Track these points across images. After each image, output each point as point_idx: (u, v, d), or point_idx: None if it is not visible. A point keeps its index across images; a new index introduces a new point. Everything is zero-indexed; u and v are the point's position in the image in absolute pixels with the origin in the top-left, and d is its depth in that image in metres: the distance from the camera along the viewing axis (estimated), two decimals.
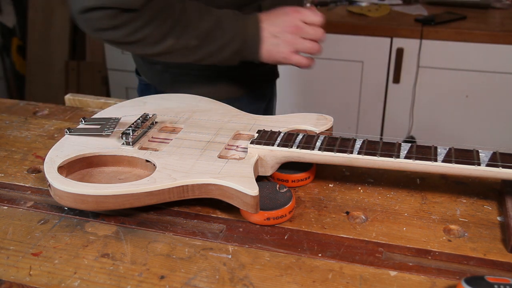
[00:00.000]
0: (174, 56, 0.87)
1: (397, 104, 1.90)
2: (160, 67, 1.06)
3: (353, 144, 0.64)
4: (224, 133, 0.71)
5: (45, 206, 0.66)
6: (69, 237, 0.60)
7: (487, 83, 1.78)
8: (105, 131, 0.71)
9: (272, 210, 0.60)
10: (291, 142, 0.65)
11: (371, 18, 1.86)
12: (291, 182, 0.68)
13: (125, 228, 0.62)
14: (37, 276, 0.54)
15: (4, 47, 2.67)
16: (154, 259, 0.56)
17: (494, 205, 0.64)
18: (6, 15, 2.63)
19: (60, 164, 0.64)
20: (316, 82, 1.96)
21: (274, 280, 0.53)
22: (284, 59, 0.90)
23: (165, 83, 1.07)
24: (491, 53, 1.73)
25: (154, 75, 1.09)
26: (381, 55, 1.83)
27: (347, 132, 1.98)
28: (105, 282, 0.53)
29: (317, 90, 1.98)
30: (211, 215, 0.64)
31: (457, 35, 1.73)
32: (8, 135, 0.85)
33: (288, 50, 0.89)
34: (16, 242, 0.60)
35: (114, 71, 2.20)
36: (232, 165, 0.63)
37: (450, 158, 0.60)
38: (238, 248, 0.58)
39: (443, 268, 0.54)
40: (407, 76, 1.84)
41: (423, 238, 0.59)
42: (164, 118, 0.76)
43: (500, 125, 1.83)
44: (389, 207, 0.64)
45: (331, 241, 0.59)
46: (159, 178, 0.60)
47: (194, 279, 0.53)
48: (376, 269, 0.54)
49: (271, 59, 0.90)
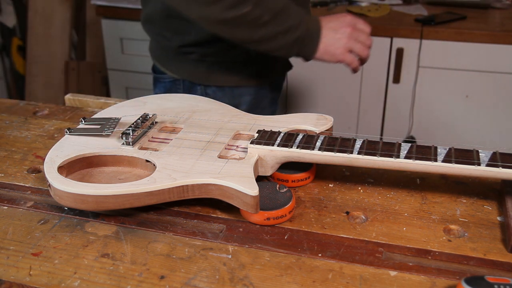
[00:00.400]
0: (242, 27, 0.89)
1: (397, 104, 1.90)
2: (195, 57, 1.08)
3: (353, 144, 0.64)
4: (224, 133, 0.71)
5: (45, 206, 0.66)
6: (69, 237, 0.60)
7: (487, 83, 1.78)
8: (105, 131, 0.71)
9: (272, 210, 0.60)
10: (291, 142, 0.65)
11: (371, 18, 1.85)
12: (291, 182, 0.68)
13: (125, 228, 0.62)
14: (37, 276, 0.54)
15: (4, 47, 2.67)
16: (154, 259, 0.56)
17: (494, 205, 0.64)
18: (6, 15, 2.63)
19: (60, 164, 0.64)
20: (316, 82, 1.96)
21: (274, 280, 0.53)
22: (340, 55, 0.98)
23: (199, 74, 1.10)
24: (491, 53, 1.73)
25: (187, 67, 1.11)
26: (381, 55, 1.83)
27: (347, 132, 1.98)
28: (105, 282, 0.53)
29: (317, 90, 1.98)
30: (211, 215, 0.64)
31: (457, 35, 1.73)
32: (8, 135, 0.85)
33: (344, 46, 0.97)
34: (16, 242, 0.60)
35: (114, 71, 2.20)
36: (232, 165, 0.63)
37: (450, 158, 0.60)
38: (238, 248, 0.58)
39: (443, 268, 0.54)
40: (407, 76, 1.84)
41: (423, 238, 0.59)
42: (164, 118, 0.76)
43: (500, 125, 1.83)
44: (389, 207, 0.64)
45: (331, 241, 0.59)
46: (159, 178, 0.60)
47: (194, 279, 0.53)
48: (376, 269, 0.54)
49: (326, 55, 0.97)
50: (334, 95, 1.97)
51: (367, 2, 2.04)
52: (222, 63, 1.09)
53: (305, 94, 2.00)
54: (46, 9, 2.47)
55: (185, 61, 1.10)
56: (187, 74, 1.11)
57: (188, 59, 1.09)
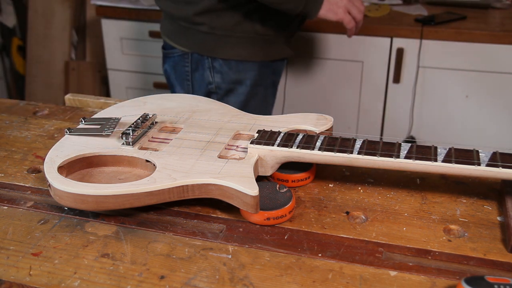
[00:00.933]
0: None
1: (397, 104, 1.90)
2: (204, 29, 1.18)
3: (353, 144, 0.64)
4: (224, 133, 0.71)
5: (45, 206, 0.66)
6: (69, 237, 0.60)
7: (487, 83, 1.78)
8: (105, 131, 0.71)
9: (272, 210, 0.60)
10: (291, 142, 0.65)
11: (371, 18, 1.85)
12: (291, 182, 0.68)
13: (125, 228, 0.62)
14: (37, 276, 0.54)
15: (4, 47, 2.67)
16: (154, 259, 0.56)
17: (494, 205, 0.64)
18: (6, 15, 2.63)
19: (60, 164, 0.64)
20: (316, 82, 1.96)
21: (274, 280, 0.53)
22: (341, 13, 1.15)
23: (208, 46, 1.20)
24: (491, 53, 1.73)
25: (196, 39, 1.21)
26: (381, 55, 1.83)
27: (347, 132, 1.98)
28: (105, 282, 0.53)
29: (317, 90, 1.98)
30: (211, 215, 0.64)
31: (457, 35, 1.73)
32: (8, 135, 0.85)
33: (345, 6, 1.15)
34: (16, 242, 0.60)
35: (114, 71, 2.20)
36: (232, 165, 0.63)
37: (450, 158, 0.60)
38: (238, 248, 0.58)
39: (443, 268, 0.54)
40: (407, 76, 1.84)
41: (423, 238, 0.59)
42: (164, 118, 0.76)
43: (500, 125, 1.83)
44: (389, 207, 0.64)
45: (331, 241, 0.59)
46: (159, 178, 0.60)
47: (194, 279, 0.53)
48: (376, 269, 0.54)
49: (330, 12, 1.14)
50: (334, 95, 1.97)
51: (367, 2, 2.04)
52: (230, 37, 1.18)
53: (305, 94, 2.00)
54: (46, 9, 2.47)
55: (195, 34, 1.19)
56: (197, 46, 1.21)
57: (198, 32, 1.18)
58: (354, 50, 1.86)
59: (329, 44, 1.87)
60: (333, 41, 1.86)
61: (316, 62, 1.93)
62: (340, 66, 1.91)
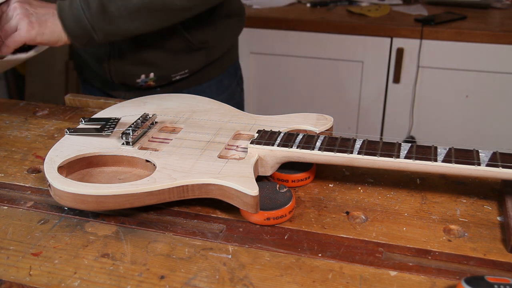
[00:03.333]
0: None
1: (397, 104, 1.90)
2: None
3: (353, 144, 0.64)
4: (224, 133, 0.71)
5: (45, 206, 0.66)
6: (69, 237, 0.60)
7: (487, 83, 1.78)
8: (105, 131, 0.71)
9: (272, 210, 0.60)
10: (291, 142, 0.65)
11: (371, 18, 1.86)
12: (291, 182, 0.68)
13: (125, 228, 0.62)
14: (37, 276, 0.54)
15: None
16: (154, 259, 0.56)
17: (494, 205, 0.64)
18: None
19: (60, 164, 0.64)
20: (316, 82, 1.96)
21: (274, 280, 0.53)
22: None
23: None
24: (491, 53, 1.73)
25: None
26: (381, 55, 1.83)
27: (347, 132, 1.98)
28: (105, 282, 0.53)
29: (317, 90, 1.98)
30: (211, 215, 0.64)
31: (457, 35, 1.73)
32: (8, 135, 0.85)
33: None
34: (16, 242, 0.60)
35: None
36: (232, 165, 0.63)
37: (450, 158, 0.60)
38: (238, 248, 0.58)
39: (443, 268, 0.54)
40: (407, 76, 1.84)
41: (423, 238, 0.59)
42: (164, 118, 0.76)
43: (500, 125, 1.83)
44: (389, 207, 0.64)
45: (331, 241, 0.59)
46: (159, 178, 0.60)
47: (194, 279, 0.53)
48: (376, 269, 0.54)
49: None
50: (334, 95, 1.97)
51: (367, 2, 2.04)
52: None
53: (305, 94, 2.00)
54: None
55: None
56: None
57: None
58: (354, 50, 1.86)
59: (329, 44, 1.87)
60: (333, 41, 1.86)
61: (316, 62, 1.93)
62: (340, 66, 1.91)
